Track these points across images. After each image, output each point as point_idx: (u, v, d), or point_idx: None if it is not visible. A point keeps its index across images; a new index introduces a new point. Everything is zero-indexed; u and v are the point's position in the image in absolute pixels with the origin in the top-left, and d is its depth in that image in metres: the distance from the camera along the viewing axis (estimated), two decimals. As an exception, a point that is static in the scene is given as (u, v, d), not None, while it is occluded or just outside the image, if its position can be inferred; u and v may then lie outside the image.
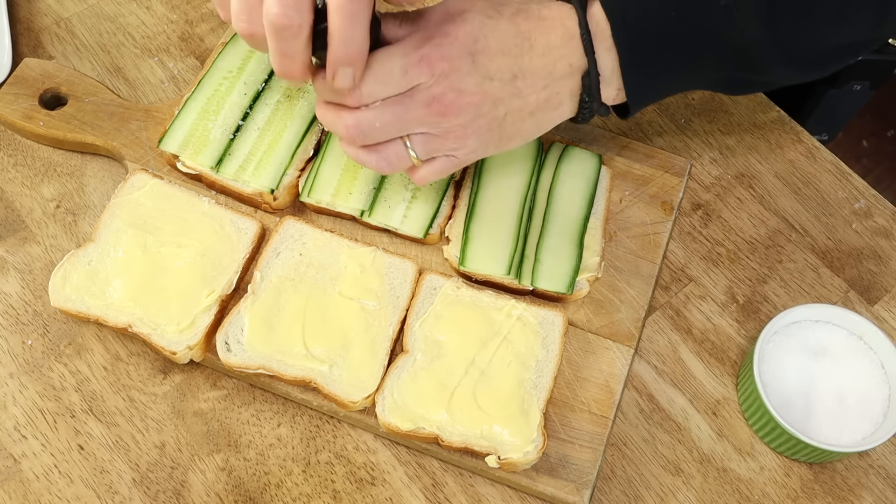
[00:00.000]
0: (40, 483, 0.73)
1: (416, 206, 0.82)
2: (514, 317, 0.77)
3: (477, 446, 0.71)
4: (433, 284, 0.78)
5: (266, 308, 0.76)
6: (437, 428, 0.72)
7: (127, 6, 0.96)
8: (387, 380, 0.74)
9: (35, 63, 0.88)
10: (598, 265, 0.80)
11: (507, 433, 0.71)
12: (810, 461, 0.77)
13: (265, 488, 0.73)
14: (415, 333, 0.76)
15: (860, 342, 0.78)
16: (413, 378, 0.74)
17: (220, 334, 0.74)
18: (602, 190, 0.84)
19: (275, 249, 0.79)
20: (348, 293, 0.77)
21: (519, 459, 0.70)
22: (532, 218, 0.82)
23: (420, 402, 0.72)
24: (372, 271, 0.78)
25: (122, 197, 0.80)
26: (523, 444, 0.71)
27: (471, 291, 0.78)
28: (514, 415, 0.72)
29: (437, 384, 0.73)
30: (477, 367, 0.74)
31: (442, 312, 0.77)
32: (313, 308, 0.76)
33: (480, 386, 0.73)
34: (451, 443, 0.71)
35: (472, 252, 0.79)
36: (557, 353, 0.75)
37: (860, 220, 0.88)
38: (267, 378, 0.75)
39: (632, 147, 0.88)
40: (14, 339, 0.78)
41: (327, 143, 0.84)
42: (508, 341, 0.75)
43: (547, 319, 0.77)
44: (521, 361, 0.75)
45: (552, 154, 0.85)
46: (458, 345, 0.75)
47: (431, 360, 0.74)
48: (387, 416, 0.72)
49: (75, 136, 0.85)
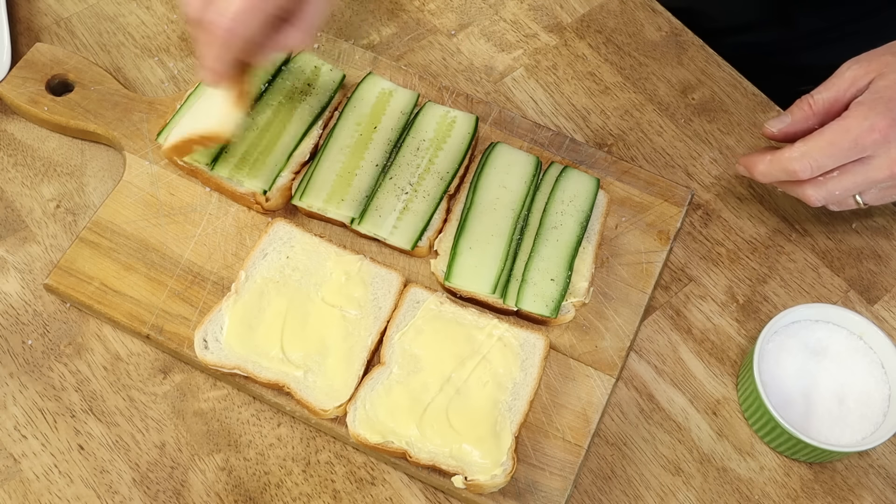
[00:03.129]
0: (40, 483, 0.73)
1: (407, 217, 0.81)
2: (496, 337, 0.76)
3: (445, 465, 0.70)
4: (416, 298, 0.78)
5: (247, 308, 0.76)
6: (405, 443, 0.71)
7: (127, 6, 0.96)
8: (360, 390, 0.73)
9: (46, 48, 0.89)
10: (586, 290, 0.79)
11: (477, 454, 0.71)
12: (810, 461, 0.77)
13: (265, 488, 0.73)
14: (393, 346, 0.75)
15: (860, 342, 0.78)
16: (387, 391, 0.73)
17: (199, 331, 0.75)
18: (597, 214, 0.83)
19: (262, 251, 0.79)
20: (331, 300, 0.77)
21: (486, 482, 0.69)
22: (523, 237, 0.81)
23: (392, 415, 0.72)
24: (357, 280, 0.78)
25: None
26: (492, 467, 0.70)
27: (454, 308, 0.77)
28: (486, 436, 0.71)
29: (410, 399, 0.73)
30: (453, 384, 0.73)
31: (423, 327, 0.76)
32: (294, 312, 0.76)
33: (454, 404, 0.73)
34: (418, 459, 0.71)
35: (458, 268, 0.79)
36: (535, 376, 0.75)
37: (860, 220, 0.88)
38: (242, 379, 0.75)
39: (632, 172, 0.87)
40: (14, 339, 0.78)
41: (324, 148, 0.84)
42: (487, 361, 0.75)
43: (528, 342, 0.76)
44: (497, 382, 0.74)
45: (550, 174, 0.84)
46: (436, 361, 0.75)
47: (407, 374, 0.74)
48: (357, 428, 0.72)
49: (78, 123, 0.85)
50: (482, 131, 0.88)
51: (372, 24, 0.97)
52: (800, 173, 0.76)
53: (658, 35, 0.98)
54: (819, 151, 0.75)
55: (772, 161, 0.78)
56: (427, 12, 0.98)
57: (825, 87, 0.78)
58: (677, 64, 0.96)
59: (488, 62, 0.95)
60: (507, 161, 0.84)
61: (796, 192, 0.79)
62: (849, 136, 0.74)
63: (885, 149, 0.74)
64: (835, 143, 0.74)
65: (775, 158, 0.77)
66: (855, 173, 0.76)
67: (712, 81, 0.95)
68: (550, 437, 0.75)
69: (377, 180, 0.83)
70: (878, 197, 0.79)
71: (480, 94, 0.93)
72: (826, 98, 0.78)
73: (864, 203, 0.79)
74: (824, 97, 0.78)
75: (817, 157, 0.75)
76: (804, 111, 0.79)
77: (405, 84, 0.89)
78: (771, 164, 0.78)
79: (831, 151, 0.75)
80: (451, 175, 0.83)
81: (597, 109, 0.93)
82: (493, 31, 0.98)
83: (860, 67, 0.77)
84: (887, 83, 0.75)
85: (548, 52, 0.97)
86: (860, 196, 0.79)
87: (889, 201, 0.81)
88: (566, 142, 0.88)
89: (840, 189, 0.77)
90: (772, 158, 0.78)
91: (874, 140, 0.74)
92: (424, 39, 0.97)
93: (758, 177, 0.79)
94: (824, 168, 0.76)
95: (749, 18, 1.08)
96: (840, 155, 0.75)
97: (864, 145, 0.74)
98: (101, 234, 0.80)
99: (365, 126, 0.85)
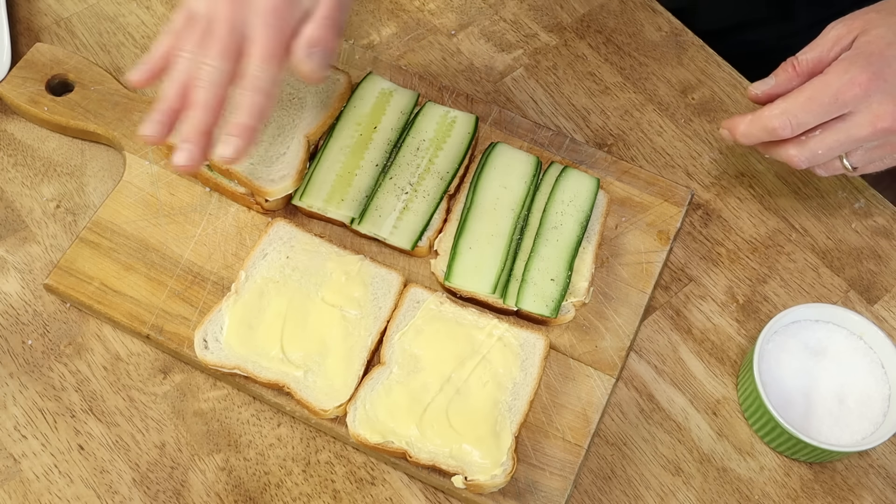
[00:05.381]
0: (40, 483, 0.73)
1: (407, 217, 0.81)
2: (496, 337, 0.76)
3: (444, 465, 0.70)
4: (416, 298, 0.78)
5: (247, 308, 0.75)
6: (405, 443, 0.71)
7: (127, 6, 0.96)
8: (360, 390, 0.73)
9: (46, 48, 0.89)
10: (586, 290, 0.79)
11: (477, 454, 0.71)
12: (810, 461, 0.77)
13: (265, 488, 0.73)
14: (393, 346, 0.75)
15: (860, 342, 0.78)
16: (387, 391, 0.73)
17: (199, 331, 0.75)
18: (597, 214, 0.83)
19: (262, 251, 0.79)
20: (331, 300, 0.76)
21: (486, 482, 0.69)
22: (523, 237, 0.81)
23: (392, 415, 0.72)
24: (357, 280, 0.78)
25: None
26: (492, 467, 0.70)
27: (454, 308, 0.77)
28: (486, 436, 0.71)
29: (410, 399, 0.73)
30: (453, 384, 0.73)
31: (423, 327, 0.76)
32: (294, 312, 0.76)
33: (454, 404, 0.73)
34: (418, 459, 0.70)
35: (458, 268, 0.79)
36: (536, 376, 0.74)
37: (860, 220, 0.88)
38: (242, 379, 0.75)
39: (632, 172, 0.87)
40: (14, 339, 0.78)
41: (324, 148, 0.84)
42: (487, 361, 0.75)
43: (528, 342, 0.76)
44: (497, 382, 0.74)
45: (550, 174, 0.84)
46: (436, 361, 0.74)
47: (407, 374, 0.74)
48: (357, 428, 0.71)
49: (78, 123, 0.85)
50: (482, 131, 0.88)
51: (372, 24, 0.97)
52: (780, 131, 0.74)
53: (658, 35, 0.98)
54: (799, 107, 0.73)
55: (752, 121, 0.76)
56: (427, 12, 0.98)
57: (809, 47, 0.77)
58: (677, 64, 0.96)
59: (488, 62, 0.96)
60: (507, 161, 0.84)
61: (780, 153, 0.77)
62: (828, 91, 0.72)
63: (865, 104, 0.72)
64: (814, 99, 0.73)
65: (755, 117, 0.76)
66: (837, 131, 0.74)
67: (712, 81, 0.96)
68: (550, 437, 0.75)
69: (377, 180, 0.83)
70: (865, 159, 0.76)
71: (480, 94, 0.93)
72: (810, 59, 0.76)
73: (851, 166, 0.77)
74: (808, 57, 0.76)
75: (797, 114, 0.73)
76: (788, 73, 0.77)
77: (405, 84, 0.89)
78: (751, 124, 0.76)
79: (811, 107, 0.73)
80: (451, 175, 0.83)
81: (597, 109, 0.93)
82: (493, 31, 0.98)
83: (843, 26, 0.76)
84: (869, 38, 0.73)
85: (548, 52, 0.97)
86: (847, 159, 0.76)
87: (879, 167, 0.78)
88: (566, 142, 0.88)
89: (823, 148, 0.75)
90: (752, 118, 0.76)
91: (854, 94, 0.72)
92: (424, 39, 0.97)
93: (740, 138, 0.78)
94: (805, 125, 0.74)
95: (749, 15, 1.08)
96: (820, 111, 0.73)
97: (844, 100, 0.72)
98: (101, 234, 0.80)
99: (365, 126, 0.85)
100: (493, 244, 0.80)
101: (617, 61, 0.96)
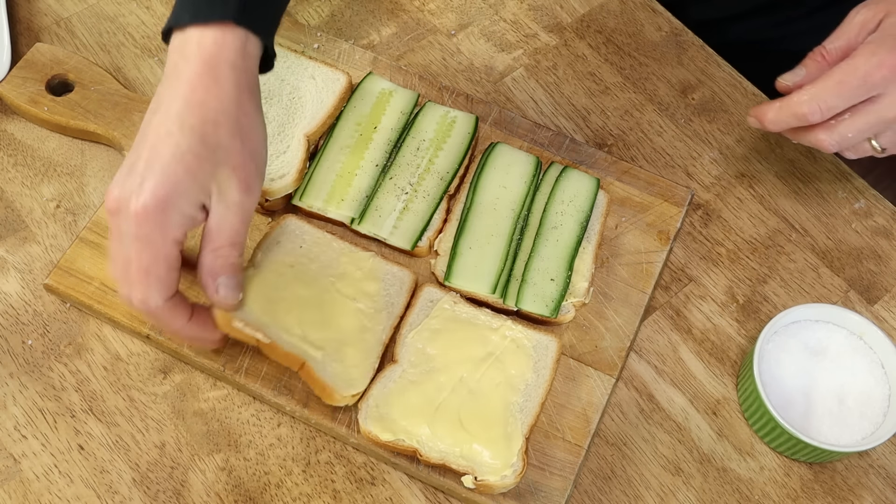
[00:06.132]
0: (40, 483, 0.73)
1: (407, 217, 0.81)
2: (509, 338, 0.76)
3: (455, 465, 0.70)
4: (430, 297, 0.78)
5: (266, 285, 0.74)
6: (416, 442, 0.71)
7: (127, 6, 0.96)
8: (373, 388, 0.73)
9: (46, 48, 0.89)
10: (586, 291, 0.79)
11: (488, 455, 0.70)
12: (810, 461, 0.77)
13: (265, 488, 0.73)
14: (406, 344, 0.75)
15: (860, 342, 0.78)
16: (400, 390, 0.73)
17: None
18: (597, 214, 0.83)
19: (275, 238, 0.78)
20: (346, 292, 0.77)
21: (496, 482, 0.69)
22: (523, 237, 0.81)
23: (404, 414, 0.72)
24: (370, 275, 0.78)
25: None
26: (502, 468, 0.70)
27: (468, 308, 0.77)
28: (497, 437, 0.71)
29: (422, 398, 0.72)
30: (465, 384, 0.73)
31: (436, 326, 0.76)
32: (313, 298, 0.75)
33: (466, 404, 0.72)
34: (429, 458, 0.70)
35: (458, 268, 0.79)
36: (548, 378, 0.74)
37: (860, 220, 0.88)
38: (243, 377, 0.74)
39: (632, 172, 0.87)
40: (14, 339, 0.78)
41: (324, 148, 0.84)
42: (500, 362, 0.75)
43: (541, 344, 0.76)
44: (510, 384, 0.74)
45: (550, 174, 0.84)
46: (449, 360, 0.74)
47: (420, 374, 0.74)
48: (368, 425, 0.71)
49: (77, 123, 0.85)
50: (482, 131, 0.88)
51: (372, 24, 0.97)
52: (809, 116, 0.74)
53: (658, 35, 0.98)
54: (828, 92, 0.74)
55: (781, 107, 0.76)
56: (427, 12, 0.98)
57: (836, 35, 0.77)
58: (677, 64, 0.96)
59: (488, 62, 0.96)
60: (507, 161, 0.84)
61: (809, 139, 0.78)
62: (857, 74, 0.72)
63: (894, 85, 0.73)
64: (843, 83, 0.73)
65: (784, 104, 0.76)
66: (867, 113, 0.74)
67: (712, 81, 0.96)
68: (550, 437, 0.75)
69: (377, 180, 0.83)
70: (894, 140, 0.77)
71: (480, 94, 0.93)
72: (839, 46, 0.76)
73: (881, 147, 0.77)
74: (837, 45, 0.77)
75: (826, 98, 0.74)
76: (818, 62, 0.77)
77: (405, 84, 0.89)
78: (780, 111, 0.77)
79: (840, 91, 0.73)
80: (451, 175, 0.83)
81: (597, 109, 0.93)
82: (493, 31, 0.98)
83: (868, 10, 0.76)
84: (894, 20, 0.74)
85: (548, 52, 0.97)
86: (876, 140, 0.77)
87: None
88: (566, 142, 0.88)
89: (853, 131, 0.75)
90: (781, 105, 0.76)
91: (883, 76, 0.72)
92: (424, 39, 0.97)
93: (768, 125, 0.78)
94: (834, 109, 0.74)
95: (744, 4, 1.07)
96: (849, 94, 0.73)
97: (873, 83, 0.72)
98: (101, 234, 0.80)
99: (365, 126, 0.85)
100: (492, 244, 0.80)
101: (617, 61, 0.96)
